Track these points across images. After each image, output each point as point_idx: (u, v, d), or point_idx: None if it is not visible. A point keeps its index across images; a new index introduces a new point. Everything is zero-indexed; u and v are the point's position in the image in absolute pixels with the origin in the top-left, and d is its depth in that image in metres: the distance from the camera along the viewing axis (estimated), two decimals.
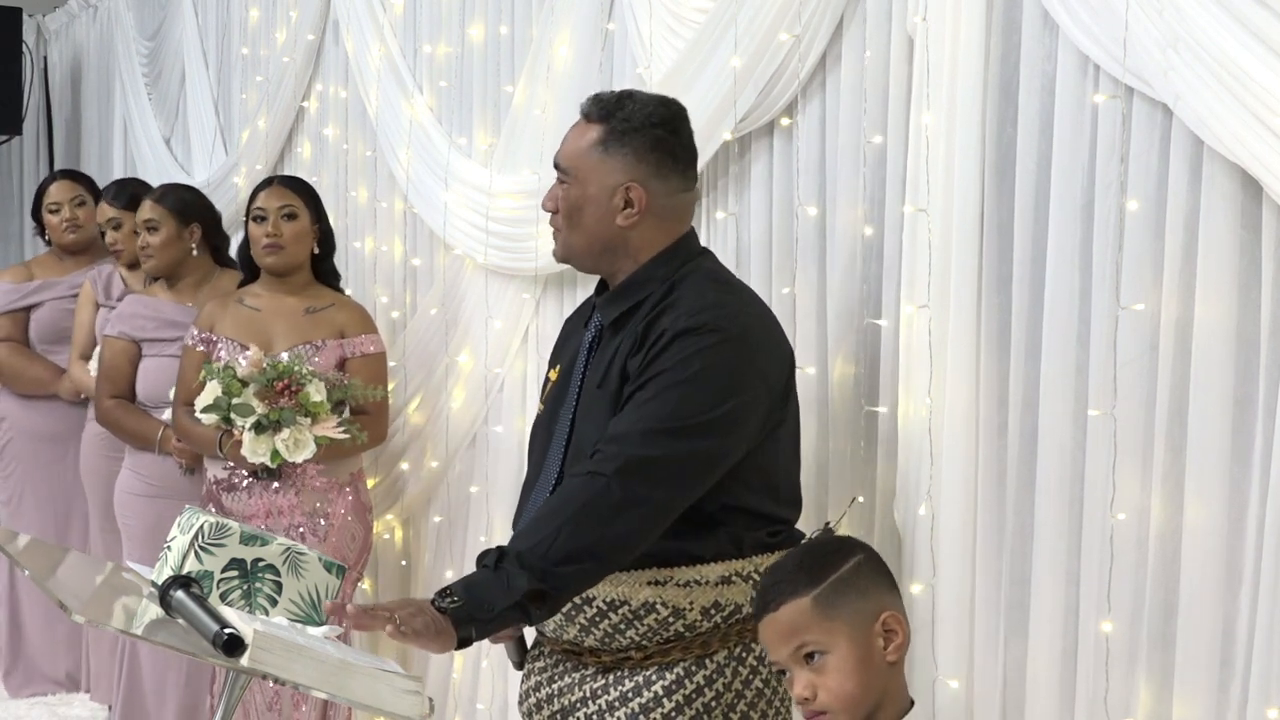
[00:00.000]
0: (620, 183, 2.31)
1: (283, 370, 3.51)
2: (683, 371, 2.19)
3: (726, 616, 2.29)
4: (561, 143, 2.40)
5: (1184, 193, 2.12)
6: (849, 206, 2.69)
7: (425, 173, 3.93)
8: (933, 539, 2.47)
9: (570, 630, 2.32)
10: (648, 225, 2.33)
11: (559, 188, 2.36)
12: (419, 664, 4.07)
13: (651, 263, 2.34)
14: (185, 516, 2.35)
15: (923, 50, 2.47)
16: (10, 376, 4.89)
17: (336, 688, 1.97)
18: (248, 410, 3.48)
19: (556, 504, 2.17)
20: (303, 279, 3.77)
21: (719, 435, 2.19)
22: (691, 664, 2.27)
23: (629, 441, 2.16)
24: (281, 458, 3.47)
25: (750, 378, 2.23)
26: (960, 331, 2.44)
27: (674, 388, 2.18)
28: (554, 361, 2.53)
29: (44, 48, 7.64)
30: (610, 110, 2.34)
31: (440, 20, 3.96)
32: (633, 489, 2.14)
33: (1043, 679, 2.34)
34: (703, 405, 2.18)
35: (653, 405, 2.18)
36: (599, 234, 2.33)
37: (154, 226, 4.12)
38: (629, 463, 2.14)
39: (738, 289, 2.40)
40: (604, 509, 2.13)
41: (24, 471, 4.97)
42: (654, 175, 2.33)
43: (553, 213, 2.38)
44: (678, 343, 2.21)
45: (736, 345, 2.23)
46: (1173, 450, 2.15)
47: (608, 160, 2.32)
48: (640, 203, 2.32)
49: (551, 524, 2.12)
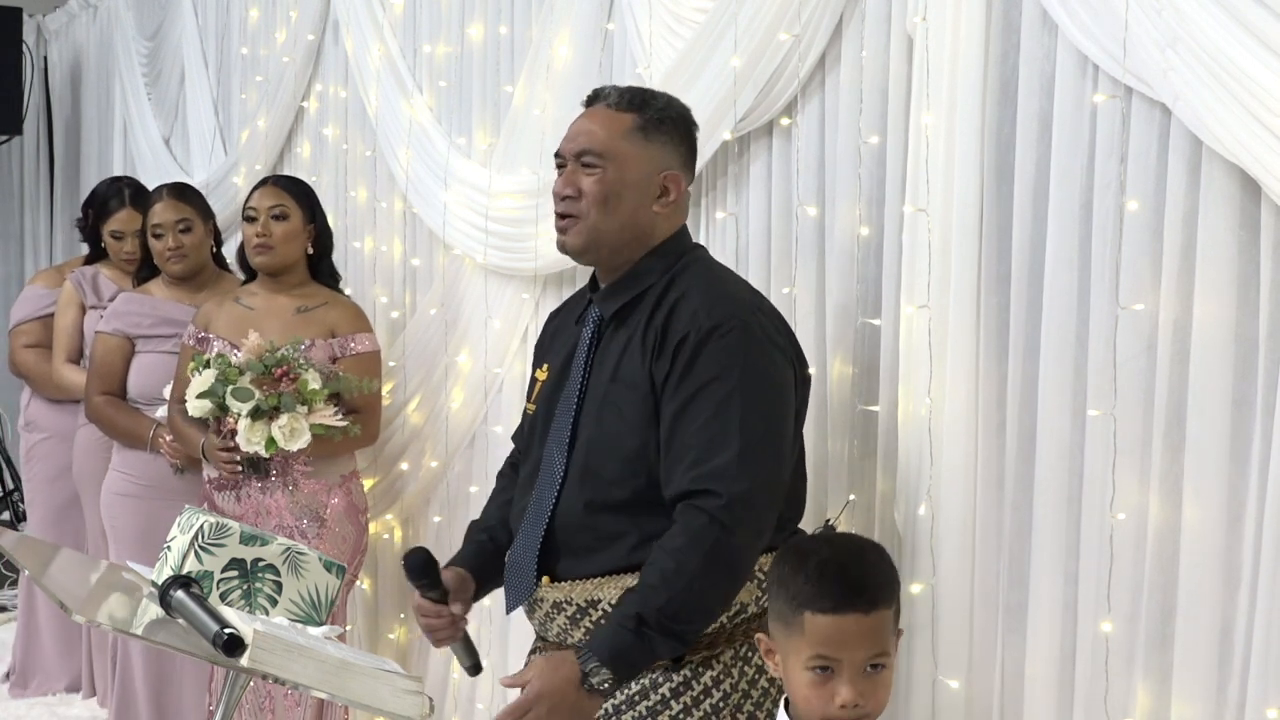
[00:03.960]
0: (660, 169, 2.34)
1: (281, 358, 3.51)
2: (730, 378, 2.20)
3: (732, 617, 2.28)
4: (576, 132, 2.37)
5: (1183, 193, 2.12)
6: (848, 206, 2.69)
7: (425, 173, 3.93)
8: (932, 539, 2.47)
9: (575, 634, 2.31)
10: (671, 215, 2.36)
11: (588, 173, 2.32)
12: (419, 664, 4.08)
13: (651, 255, 2.35)
14: (185, 516, 2.35)
15: (922, 50, 2.47)
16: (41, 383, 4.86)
17: (336, 688, 1.97)
18: (247, 395, 3.46)
19: (681, 553, 2.16)
20: (297, 278, 3.77)
21: (786, 427, 2.25)
22: (699, 665, 2.26)
23: (726, 477, 2.16)
24: (277, 445, 3.46)
25: (775, 357, 2.26)
26: (959, 331, 2.45)
27: (728, 400, 2.19)
28: (540, 360, 2.52)
29: (44, 48, 7.64)
30: (643, 100, 2.36)
31: (440, 20, 3.96)
32: (747, 526, 2.17)
33: (1042, 678, 2.34)
34: (762, 407, 2.20)
35: (717, 424, 2.18)
36: (634, 220, 2.33)
37: (188, 227, 4.10)
38: (735, 501, 2.15)
39: (735, 280, 2.43)
40: (729, 555, 2.16)
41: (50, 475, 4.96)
42: (684, 165, 2.39)
43: (570, 198, 2.34)
44: (709, 347, 2.22)
45: (758, 332, 2.25)
46: (1171, 450, 2.16)
47: (649, 146, 2.33)
48: (677, 191, 2.35)
49: (681, 579, 2.14)
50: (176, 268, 4.11)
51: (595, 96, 2.41)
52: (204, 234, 4.14)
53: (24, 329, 4.93)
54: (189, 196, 4.17)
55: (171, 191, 4.16)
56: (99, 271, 4.64)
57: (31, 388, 4.97)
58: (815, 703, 1.87)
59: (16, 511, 6.58)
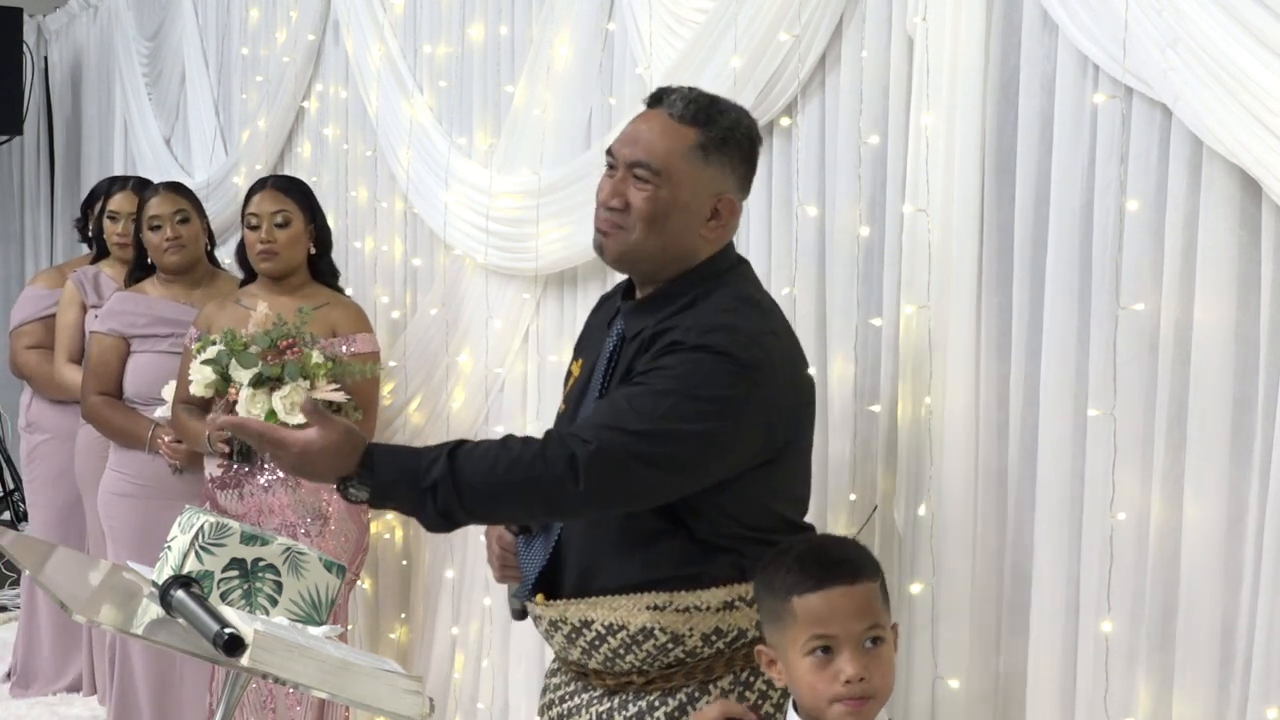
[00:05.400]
0: (715, 193, 2.22)
1: (287, 331, 3.52)
2: (680, 382, 2.09)
3: (730, 642, 2.22)
4: (634, 136, 2.24)
5: (1183, 193, 2.12)
6: (849, 206, 2.69)
7: (425, 173, 3.93)
8: (933, 539, 2.47)
9: (573, 652, 2.29)
10: (717, 237, 2.25)
11: (639, 186, 2.21)
12: (419, 664, 4.08)
13: (686, 276, 2.24)
14: (186, 516, 2.35)
15: (922, 50, 2.48)
16: (43, 383, 4.86)
17: (337, 687, 1.97)
18: (250, 361, 3.47)
19: (520, 464, 2.05)
20: (299, 279, 3.78)
21: (705, 448, 2.09)
22: (695, 690, 2.22)
23: (611, 435, 2.06)
24: (276, 418, 3.45)
25: (747, 409, 2.11)
26: (960, 331, 2.45)
27: (664, 395, 2.09)
28: (577, 353, 2.46)
29: (44, 48, 7.65)
30: (710, 116, 2.22)
31: (440, 20, 3.97)
32: (595, 486, 2.05)
33: (1043, 678, 2.34)
34: (684, 415, 2.08)
35: (639, 401, 2.09)
36: (678, 242, 2.22)
37: (185, 218, 4.12)
38: (601, 454, 2.05)
39: (764, 309, 2.28)
40: (558, 496, 2.06)
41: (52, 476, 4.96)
42: (740, 187, 2.27)
43: (618, 210, 2.23)
44: (682, 354, 2.12)
45: (742, 373, 2.11)
46: (1172, 450, 2.16)
47: (707, 169, 2.21)
48: (729, 215, 2.24)
49: (501, 483, 2.04)
50: (174, 259, 4.11)
51: (659, 98, 2.27)
52: (200, 228, 4.16)
53: (26, 330, 4.93)
54: (185, 192, 4.21)
55: (168, 187, 4.21)
56: (100, 271, 4.64)
57: (33, 388, 4.97)
58: (821, 687, 1.86)
59: (17, 511, 6.59)
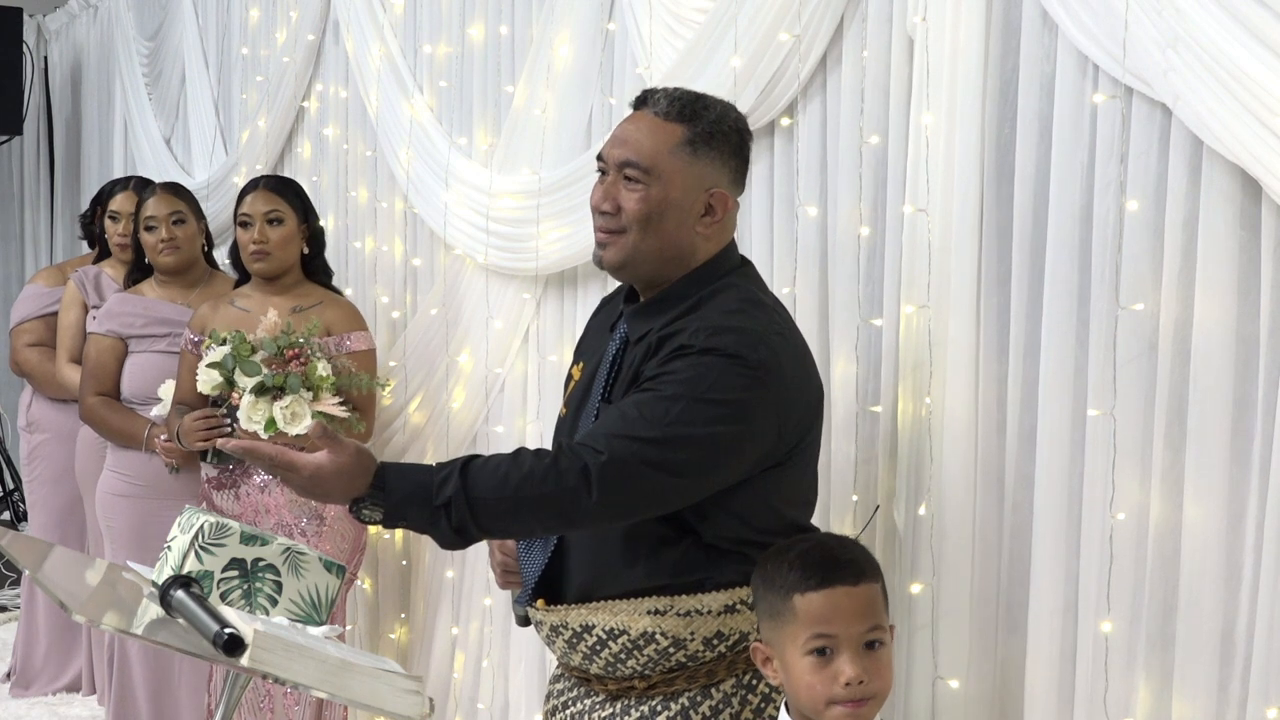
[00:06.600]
0: (706, 188, 2.22)
1: (295, 341, 3.52)
2: (689, 387, 2.08)
3: (732, 646, 2.20)
4: (622, 138, 2.24)
5: (1183, 193, 2.12)
6: (849, 206, 2.69)
7: (425, 173, 3.93)
8: (933, 539, 2.47)
9: (574, 657, 2.28)
10: (714, 235, 2.25)
11: (630, 188, 2.21)
12: (419, 664, 4.08)
13: (688, 278, 2.23)
14: (185, 516, 2.35)
15: (922, 50, 2.48)
16: (43, 381, 4.86)
17: (336, 687, 1.97)
18: (254, 369, 3.47)
19: (534, 480, 2.04)
20: (292, 279, 3.77)
21: (719, 453, 2.09)
22: (697, 694, 2.20)
23: (623, 445, 2.05)
24: (276, 427, 3.46)
25: (758, 411, 2.11)
26: (959, 331, 2.45)
27: (675, 400, 2.08)
28: (577, 356, 2.45)
29: (44, 48, 7.65)
30: (695, 111, 2.23)
31: (440, 20, 3.97)
32: (608, 496, 2.04)
33: (1042, 678, 2.34)
34: (695, 419, 2.07)
35: (649, 408, 2.08)
36: (674, 241, 2.21)
37: (181, 219, 4.11)
38: (614, 465, 2.04)
39: (770, 310, 2.26)
40: (573, 511, 2.06)
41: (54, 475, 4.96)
42: (733, 182, 2.26)
43: (610, 214, 2.23)
44: (691, 358, 2.10)
45: (752, 375, 2.10)
46: (1172, 450, 2.16)
47: (696, 163, 2.21)
48: (723, 210, 2.23)
49: (513, 500, 2.03)
50: (169, 259, 4.10)
51: (644, 100, 2.28)
52: (196, 229, 4.16)
53: (26, 328, 4.93)
54: (182, 193, 4.20)
55: (165, 187, 4.21)
56: (101, 271, 4.65)
57: (34, 387, 4.97)
58: (819, 688, 1.85)
59: (17, 511, 6.59)
